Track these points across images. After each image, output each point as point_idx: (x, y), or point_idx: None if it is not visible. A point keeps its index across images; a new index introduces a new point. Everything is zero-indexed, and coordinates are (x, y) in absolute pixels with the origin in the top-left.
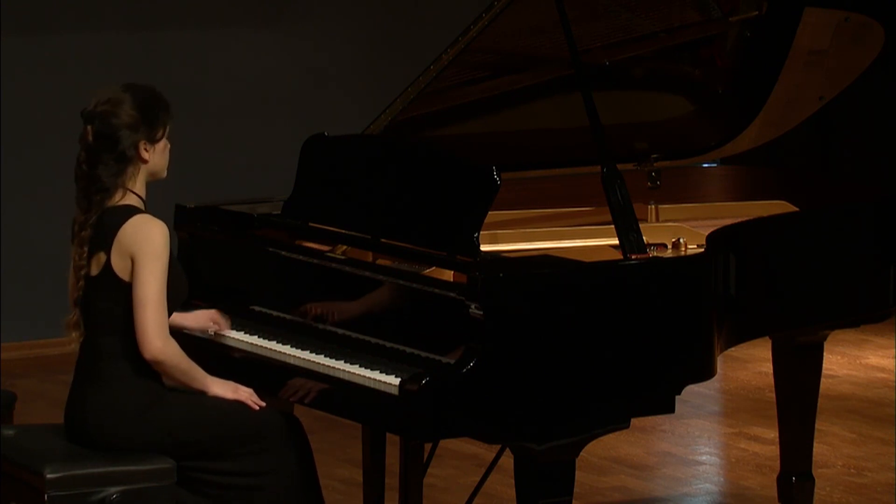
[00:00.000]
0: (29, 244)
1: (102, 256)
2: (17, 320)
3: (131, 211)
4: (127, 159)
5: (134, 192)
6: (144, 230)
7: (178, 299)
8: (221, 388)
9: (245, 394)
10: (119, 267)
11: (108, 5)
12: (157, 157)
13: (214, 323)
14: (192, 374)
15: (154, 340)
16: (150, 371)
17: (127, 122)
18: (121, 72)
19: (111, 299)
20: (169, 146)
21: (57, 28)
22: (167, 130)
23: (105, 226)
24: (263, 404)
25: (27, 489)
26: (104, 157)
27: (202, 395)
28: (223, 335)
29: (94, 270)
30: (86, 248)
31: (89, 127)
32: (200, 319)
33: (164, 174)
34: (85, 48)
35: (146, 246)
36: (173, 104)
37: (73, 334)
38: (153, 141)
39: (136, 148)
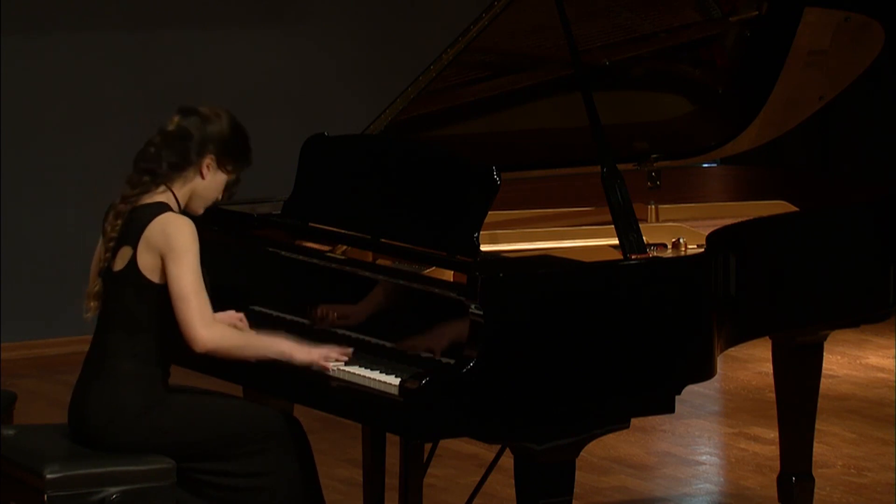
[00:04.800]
0: (29, 244)
1: (128, 251)
2: (17, 320)
3: (162, 208)
4: (189, 161)
5: (174, 192)
6: (172, 226)
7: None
8: (298, 353)
9: (320, 354)
10: (145, 264)
11: (108, 5)
12: (210, 181)
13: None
14: (253, 346)
15: (198, 331)
16: (154, 372)
17: (212, 132)
18: (121, 72)
19: (130, 296)
20: (222, 192)
21: (57, 28)
22: (237, 172)
23: (134, 221)
24: (349, 354)
25: (27, 489)
26: (176, 146)
27: (203, 396)
28: None
29: (119, 265)
30: (120, 221)
31: (177, 118)
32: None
33: (201, 210)
34: (85, 48)
35: (174, 241)
36: (173, 104)
37: (92, 304)
38: (220, 165)
39: (203, 155)
